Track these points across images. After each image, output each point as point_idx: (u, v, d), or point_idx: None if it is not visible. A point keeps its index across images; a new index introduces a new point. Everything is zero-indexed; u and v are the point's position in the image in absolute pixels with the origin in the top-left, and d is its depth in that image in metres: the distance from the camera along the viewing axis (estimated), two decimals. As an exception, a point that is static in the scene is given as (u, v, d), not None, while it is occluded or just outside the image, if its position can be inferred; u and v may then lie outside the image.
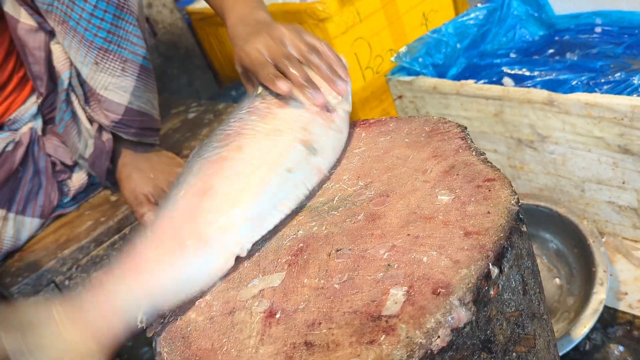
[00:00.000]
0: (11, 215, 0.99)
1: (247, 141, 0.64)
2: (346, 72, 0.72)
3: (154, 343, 0.55)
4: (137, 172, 0.99)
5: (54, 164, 1.05)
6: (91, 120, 1.00)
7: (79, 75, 0.96)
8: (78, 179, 1.07)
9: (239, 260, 0.58)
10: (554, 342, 0.60)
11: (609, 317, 1.00)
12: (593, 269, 0.96)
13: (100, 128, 0.99)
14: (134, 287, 0.53)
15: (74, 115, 0.99)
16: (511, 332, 0.50)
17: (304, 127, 0.66)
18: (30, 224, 1.02)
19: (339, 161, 0.68)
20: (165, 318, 0.55)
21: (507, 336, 0.50)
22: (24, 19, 0.94)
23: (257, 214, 0.59)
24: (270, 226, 0.59)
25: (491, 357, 0.48)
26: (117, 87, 0.95)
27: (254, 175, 0.60)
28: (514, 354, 0.51)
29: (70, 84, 0.97)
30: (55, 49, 0.96)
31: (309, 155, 0.64)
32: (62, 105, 0.99)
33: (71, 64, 0.96)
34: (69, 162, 1.06)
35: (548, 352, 0.58)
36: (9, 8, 0.94)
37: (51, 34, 0.96)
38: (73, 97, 0.98)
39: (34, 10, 0.93)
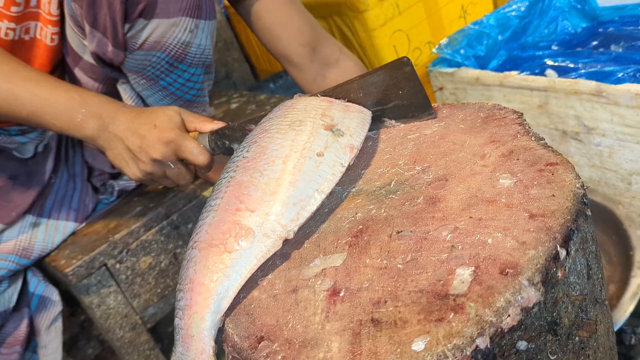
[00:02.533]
0: (43, 220, 1.00)
1: (273, 135, 0.67)
2: None
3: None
4: None
5: (91, 169, 1.06)
6: None
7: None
8: (127, 182, 1.08)
9: (297, 241, 0.59)
10: (612, 329, 0.60)
11: (656, 312, 0.99)
12: (630, 252, 0.95)
13: None
14: (205, 314, 0.55)
15: None
16: (575, 316, 0.50)
17: (322, 114, 0.69)
18: (65, 227, 1.02)
19: (393, 147, 0.69)
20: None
21: (572, 320, 0.49)
22: (88, 58, 0.92)
23: (298, 198, 0.60)
24: (314, 208, 0.61)
25: (556, 339, 0.48)
26: None
27: (286, 164, 0.63)
28: (577, 338, 0.51)
29: None
30: (123, 89, 0.95)
31: (336, 137, 0.66)
32: None
33: (140, 99, 0.96)
34: (108, 170, 1.06)
35: (607, 339, 0.58)
36: (73, 41, 0.91)
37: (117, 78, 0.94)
38: None
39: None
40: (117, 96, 0.95)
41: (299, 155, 0.63)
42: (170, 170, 0.76)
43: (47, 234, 1.00)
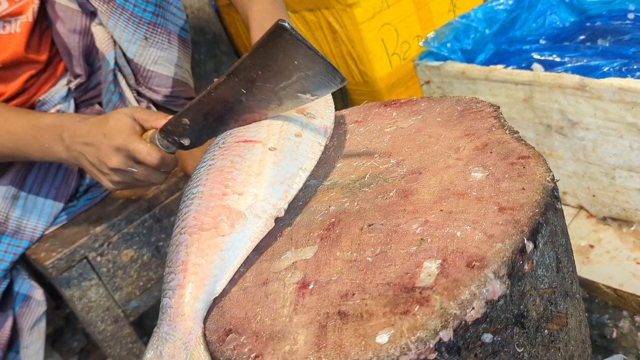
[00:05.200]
0: (23, 194, 0.98)
1: (247, 126, 0.68)
2: None
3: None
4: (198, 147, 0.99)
5: None
6: (138, 100, 1.00)
7: (124, 54, 0.96)
8: None
9: (270, 234, 0.59)
10: (585, 322, 0.60)
11: (637, 306, 0.99)
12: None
13: (148, 107, 1.00)
14: (199, 294, 0.54)
15: (121, 96, 1.00)
16: (544, 309, 0.50)
17: None
18: (43, 205, 1.00)
19: (370, 140, 0.69)
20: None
21: (540, 313, 0.49)
22: (60, 0, 0.94)
23: (284, 177, 0.60)
24: (300, 185, 0.61)
25: (524, 332, 0.48)
26: (164, 60, 0.97)
27: (267, 147, 0.63)
28: (546, 331, 0.51)
29: (116, 64, 0.97)
30: (97, 30, 0.96)
31: (310, 119, 0.67)
32: (110, 87, 0.99)
33: (114, 44, 0.96)
34: None
35: (579, 332, 0.58)
36: None
37: (92, 15, 0.96)
38: (120, 78, 0.98)
39: None
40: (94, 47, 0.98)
41: (277, 137, 0.64)
42: (136, 174, 0.74)
43: (25, 209, 0.98)
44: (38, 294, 0.98)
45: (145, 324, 1.40)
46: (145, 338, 1.34)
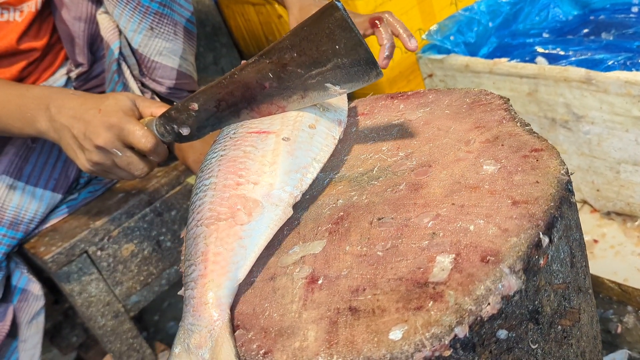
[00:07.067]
0: (20, 184, 0.96)
1: (261, 118, 0.67)
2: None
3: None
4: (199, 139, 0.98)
5: None
6: (142, 92, 0.99)
7: (129, 44, 0.95)
8: None
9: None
10: (596, 318, 0.59)
11: (642, 301, 0.99)
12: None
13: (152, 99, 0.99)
14: (222, 282, 0.52)
15: (125, 86, 0.98)
16: (558, 305, 0.49)
17: None
18: (42, 196, 0.98)
19: (377, 133, 0.67)
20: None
21: (554, 308, 0.49)
22: None
23: (298, 166, 0.60)
24: (314, 176, 0.61)
25: (538, 328, 0.47)
26: (169, 51, 0.95)
27: (280, 137, 0.62)
28: (559, 327, 0.50)
29: (121, 53, 0.96)
30: (102, 19, 0.95)
31: (324, 111, 0.67)
32: (114, 77, 0.97)
33: (120, 33, 0.94)
34: None
35: (591, 328, 0.57)
36: None
37: (98, 3, 0.95)
38: (124, 68, 0.97)
39: None
40: (99, 35, 0.97)
41: (291, 128, 0.63)
42: (119, 158, 0.70)
43: (23, 199, 0.96)
44: (36, 288, 0.96)
45: (145, 319, 1.39)
46: (145, 333, 1.33)
